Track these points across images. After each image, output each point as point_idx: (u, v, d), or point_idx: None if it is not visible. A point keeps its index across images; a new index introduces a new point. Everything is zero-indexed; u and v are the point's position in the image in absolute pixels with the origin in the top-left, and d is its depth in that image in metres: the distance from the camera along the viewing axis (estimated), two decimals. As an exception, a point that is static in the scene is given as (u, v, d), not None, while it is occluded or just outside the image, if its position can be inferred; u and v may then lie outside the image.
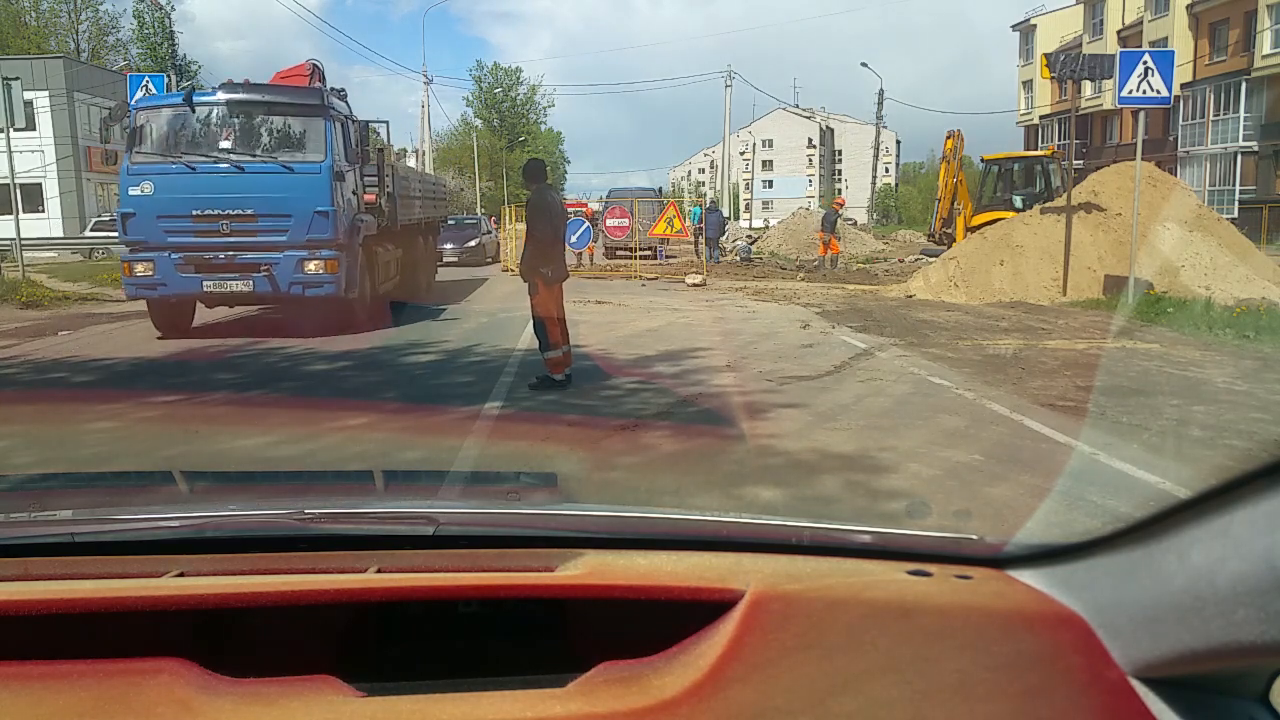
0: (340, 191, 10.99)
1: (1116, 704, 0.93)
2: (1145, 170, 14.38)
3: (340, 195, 10.97)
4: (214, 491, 2.00)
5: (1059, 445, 5.76)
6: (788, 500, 4.61)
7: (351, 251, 11.22)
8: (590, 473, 5.10)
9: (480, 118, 73.02)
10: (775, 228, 35.44)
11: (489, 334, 11.14)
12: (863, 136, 79.40)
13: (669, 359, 9.15)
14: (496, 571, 1.14)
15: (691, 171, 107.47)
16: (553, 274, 7.66)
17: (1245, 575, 0.76)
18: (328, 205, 10.76)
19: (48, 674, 0.95)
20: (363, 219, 11.79)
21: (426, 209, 16.86)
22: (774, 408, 6.81)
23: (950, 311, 13.34)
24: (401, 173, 14.82)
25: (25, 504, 1.71)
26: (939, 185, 23.38)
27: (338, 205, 10.86)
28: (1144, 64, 12.12)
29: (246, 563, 1.17)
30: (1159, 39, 37.34)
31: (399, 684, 0.99)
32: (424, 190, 16.84)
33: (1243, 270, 13.98)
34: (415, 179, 16.59)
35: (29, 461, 5.43)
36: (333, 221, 10.78)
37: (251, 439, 5.92)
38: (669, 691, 0.94)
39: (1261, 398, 7.21)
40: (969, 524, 3.46)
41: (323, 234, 10.76)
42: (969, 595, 1.10)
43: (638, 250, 23.62)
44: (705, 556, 1.19)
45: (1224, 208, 31.19)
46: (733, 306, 14.80)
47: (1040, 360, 8.79)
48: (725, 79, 44.73)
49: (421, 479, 3.13)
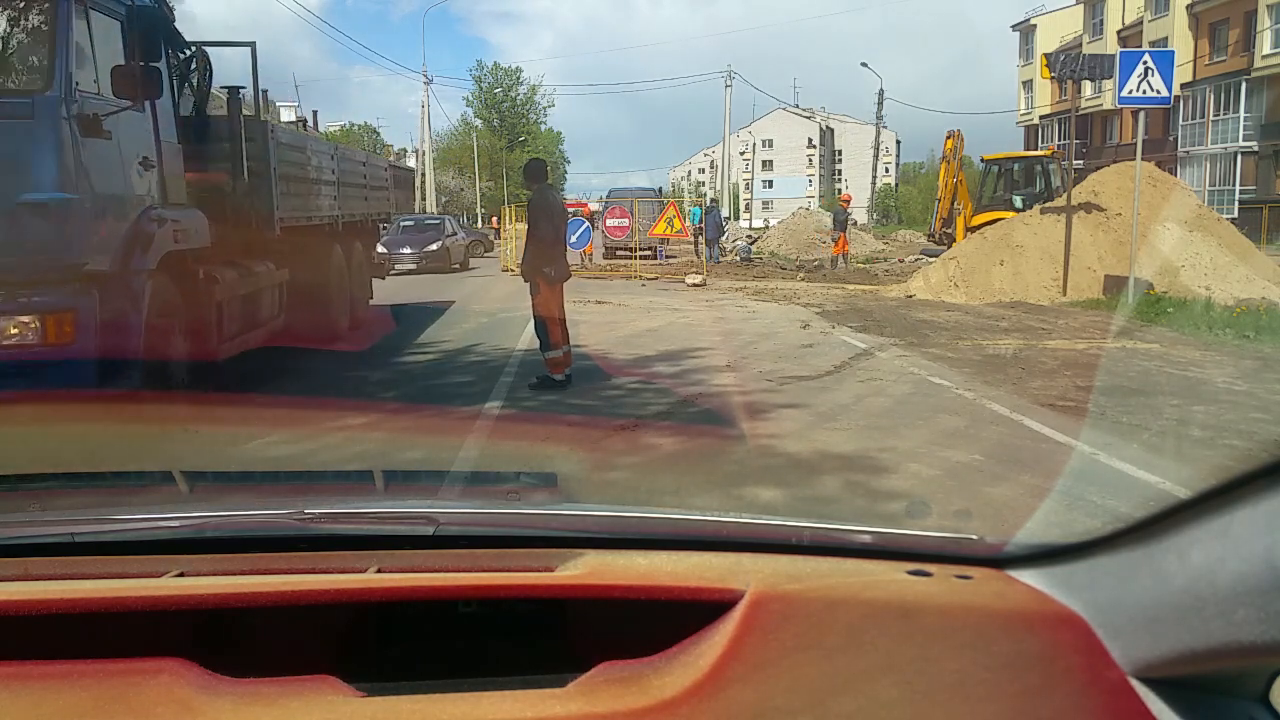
0: (88, 158, 5.57)
1: (1116, 704, 0.93)
2: (1145, 170, 14.37)
3: (90, 165, 5.58)
4: (214, 491, 2.00)
5: (1059, 445, 5.75)
6: (788, 500, 4.61)
7: (117, 290, 5.67)
8: (590, 473, 5.10)
9: (480, 118, 73.01)
10: (775, 228, 35.43)
11: (489, 334, 11.14)
12: (863, 136, 79.37)
13: (669, 359, 9.15)
14: (496, 571, 1.14)
15: (691, 171, 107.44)
16: (555, 274, 7.66)
17: (1245, 575, 0.76)
18: (50, 189, 5.34)
19: (48, 674, 0.95)
20: (165, 219, 6.34)
21: (350, 202, 10.98)
22: (774, 408, 6.81)
23: (950, 311, 13.33)
24: (289, 139, 9.08)
25: (25, 504, 1.71)
26: (939, 185, 23.38)
27: (81, 186, 5.51)
28: (1144, 64, 12.12)
29: (246, 563, 1.17)
30: (1159, 39, 37.33)
31: (399, 684, 0.99)
32: (344, 172, 10.83)
33: (1243, 270, 13.97)
34: (324, 153, 10.37)
35: (28, 461, 5.43)
36: (64, 224, 5.41)
37: (251, 439, 5.92)
38: (669, 691, 0.94)
39: (1261, 398, 7.21)
40: (969, 524, 3.46)
41: (35, 252, 5.33)
42: (969, 595, 1.10)
43: (638, 250, 23.62)
44: (705, 556, 1.19)
45: (1224, 208, 31.17)
46: (733, 306, 14.80)
47: (1040, 360, 8.79)
48: (725, 79, 44.79)
49: (421, 479, 3.13)
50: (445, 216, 29.41)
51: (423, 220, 26.06)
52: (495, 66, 75.68)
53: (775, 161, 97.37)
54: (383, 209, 13.41)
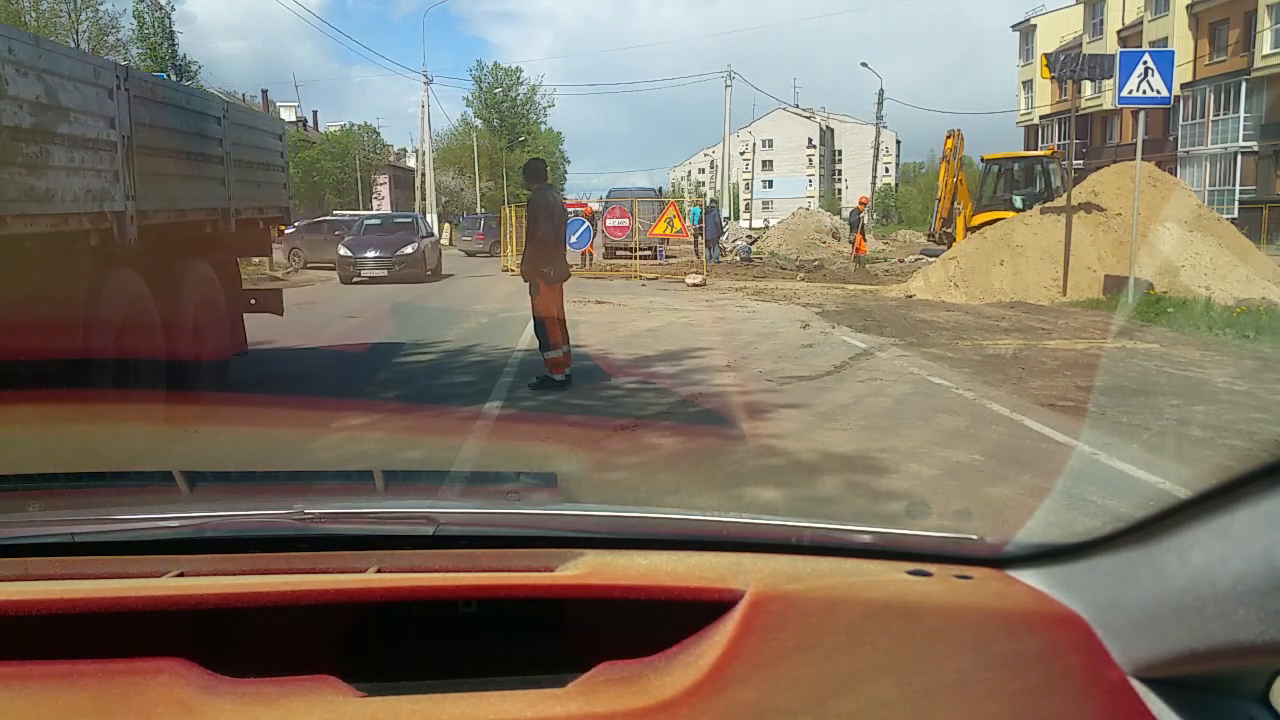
0: None
1: (1116, 704, 0.93)
2: (1145, 170, 14.37)
3: None
4: (214, 491, 1.99)
5: (1059, 445, 5.76)
6: (788, 500, 4.61)
7: None
8: (590, 473, 5.10)
9: (480, 118, 72.97)
10: (775, 228, 35.43)
11: (489, 334, 11.14)
12: (863, 136, 79.36)
13: (669, 359, 9.15)
14: (496, 571, 1.14)
15: (691, 171, 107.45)
16: (555, 274, 7.66)
17: (1245, 575, 0.76)
18: None
19: (48, 674, 0.95)
20: None
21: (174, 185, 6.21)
22: (774, 408, 6.81)
23: (950, 311, 13.33)
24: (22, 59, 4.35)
25: (25, 504, 1.71)
26: (939, 185, 23.36)
27: None
28: (1144, 64, 12.12)
29: (246, 563, 1.17)
30: (1159, 39, 37.33)
31: (399, 684, 0.99)
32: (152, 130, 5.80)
33: (1243, 270, 13.97)
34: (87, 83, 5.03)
35: (28, 461, 5.43)
36: None
37: (251, 439, 5.91)
38: (669, 691, 0.94)
39: (1261, 398, 7.21)
40: (969, 524, 3.46)
41: None
42: (969, 595, 1.10)
43: (638, 250, 23.62)
44: (705, 556, 1.19)
45: (1224, 208, 31.16)
46: (733, 306, 14.80)
47: (1040, 360, 8.79)
48: (725, 79, 44.74)
49: (421, 479, 3.12)
50: (415, 215, 26.47)
51: (391, 219, 23.04)
52: (495, 66, 75.67)
53: (775, 161, 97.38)
54: (276, 199, 8.48)
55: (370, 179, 57.63)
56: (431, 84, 42.39)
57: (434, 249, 22.92)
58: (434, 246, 23.08)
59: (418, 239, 21.27)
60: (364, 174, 55.29)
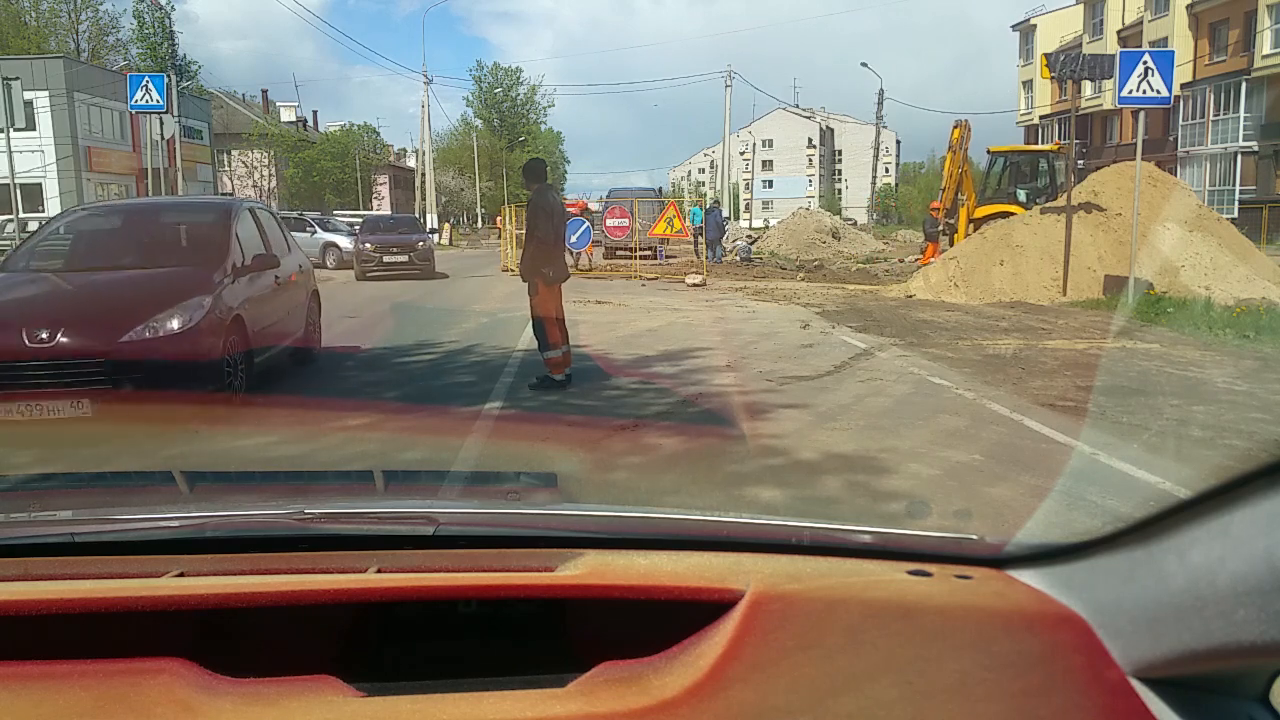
0: None
1: (1116, 704, 0.93)
2: (1145, 170, 14.37)
3: None
4: (214, 491, 2.00)
5: (1059, 445, 5.75)
6: (788, 500, 4.61)
7: None
8: (590, 473, 5.10)
9: (480, 118, 73.00)
10: (775, 228, 35.40)
11: (489, 334, 11.13)
12: (863, 136, 79.41)
13: (669, 359, 9.14)
14: (496, 571, 1.14)
15: (691, 171, 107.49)
16: (554, 274, 7.66)
17: (1245, 575, 0.76)
18: None
19: (48, 674, 0.95)
20: None
21: None
22: (774, 408, 6.80)
23: (950, 311, 13.33)
24: None
25: (25, 504, 1.71)
26: (944, 175, 23.30)
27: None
28: (1144, 64, 12.12)
29: (247, 563, 1.17)
30: (1159, 39, 37.34)
31: (399, 684, 0.99)
32: None
33: (1243, 270, 13.97)
34: None
35: (28, 461, 5.44)
36: None
37: (251, 439, 5.92)
38: (669, 691, 0.94)
39: (1261, 398, 7.21)
40: (969, 524, 3.46)
41: None
42: (969, 595, 1.10)
43: (638, 250, 23.61)
44: (705, 556, 1.19)
45: (1224, 208, 31.18)
46: (733, 306, 14.80)
47: (1040, 360, 8.79)
48: (725, 79, 44.78)
49: (421, 479, 3.12)
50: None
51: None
52: (495, 66, 75.82)
53: (775, 161, 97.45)
54: None
55: (370, 179, 57.67)
56: (431, 84, 42.47)
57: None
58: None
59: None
60: (364, 174, 55.33)
